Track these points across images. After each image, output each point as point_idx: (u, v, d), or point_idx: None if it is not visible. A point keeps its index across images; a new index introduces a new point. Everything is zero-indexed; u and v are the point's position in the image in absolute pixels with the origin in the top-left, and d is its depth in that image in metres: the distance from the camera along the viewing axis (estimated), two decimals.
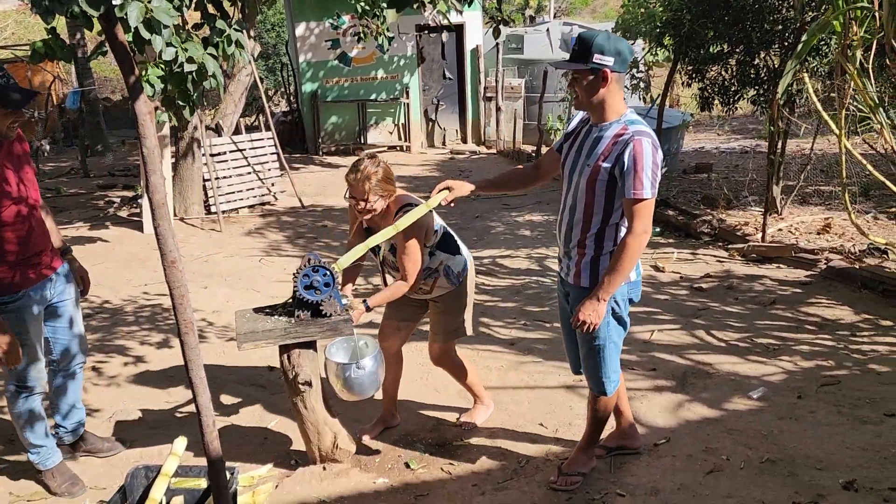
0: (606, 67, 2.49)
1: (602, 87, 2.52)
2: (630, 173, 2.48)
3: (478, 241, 6.98)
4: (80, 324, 3.24)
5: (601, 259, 2.68)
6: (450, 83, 12.97)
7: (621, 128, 2.55)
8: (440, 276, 3.19)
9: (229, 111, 8.57)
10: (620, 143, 2.51)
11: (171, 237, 1.88)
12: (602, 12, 25.35)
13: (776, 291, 5.15)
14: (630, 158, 2.47)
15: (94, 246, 7.15)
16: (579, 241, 2.69)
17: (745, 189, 7.87)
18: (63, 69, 14.61)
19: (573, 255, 2.73)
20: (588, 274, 2.70)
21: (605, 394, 2.84)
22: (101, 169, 11.63)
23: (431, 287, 3.21)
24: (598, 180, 2.57)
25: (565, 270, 2.80)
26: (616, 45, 2.49)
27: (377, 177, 2.99)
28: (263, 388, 4.09)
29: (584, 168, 2.60)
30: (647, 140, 2.50)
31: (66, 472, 3.11)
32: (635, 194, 2.48)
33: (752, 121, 13.39)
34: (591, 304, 2.61)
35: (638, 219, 2.51)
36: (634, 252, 2.53)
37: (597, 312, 2.61)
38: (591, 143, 2.62)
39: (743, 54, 6.83)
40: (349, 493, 3.02)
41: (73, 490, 3.04)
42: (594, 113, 2.62)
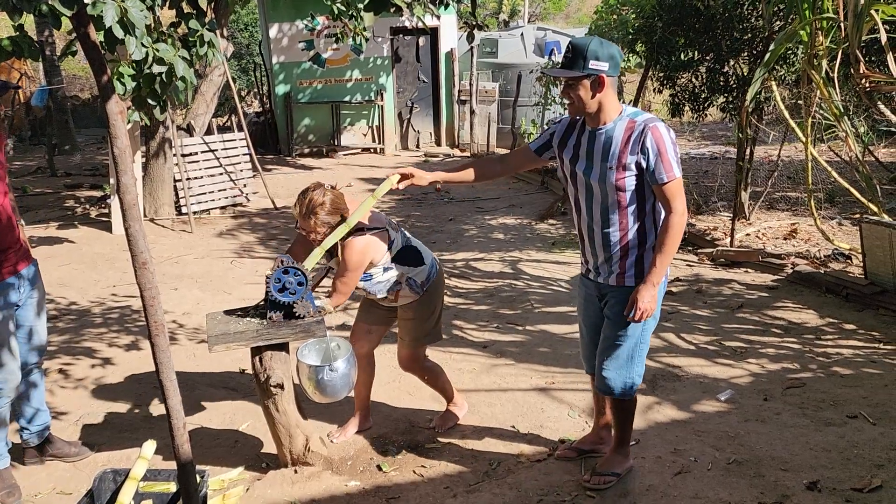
0: (602, 73, 2.53)
1: (599, 93, 2.56)
2: (658, 160, 2.53)
3: (451, 244, 7.00)
4: (43, 331, 3.19)
5: (645, 256, 2.70)
6: (424, 86, 12.99)
7: (628, 122, 2.59)
8: (403, 286, 3.17)
9: (201, 111, 8.49)
10: (636, 135, 2.55)
11: (143, 238, 1.87)
12: (576, 17, 25.58)
13: (744, 295, 5.24)
14: (653, 145, 2.53)
15: (61, 246, 7.03)
16: (622, 242, 2.69)
17: (714, 194, 8.00)
18: (30, 66, 14.34)
19: (614, 258, 2.72)
20: (633, 273, 2.72)
21: (630, 396, 2.86)
22: (68, 168, 11.43)
23: (395, 296, 3.20)
24: (626, 177, 2.59)
25: (603, 274, 2.78)
26: (609, 50, 2.54)
27: (324, 210, 2.92)
28: (235, 390, 4.06)
29: (607, 172, 2.61)
30: (660, 124, 2.57)
31: (9, 480, 3.03)
32: (668, 177, 2.54)
33: (721, 127, 13.59)
34: (647, 291, 2.63)
35: (676, 198, 2.57)
36: (680, 229, 2.58)
37: (653, 299, 2.65)
38: (601, 146, 2.63)
39: (713, 62, 6.94)
40: (321, 496, 3.01)
41: (9, 500, 2.96)
42: (592, 117, 2.64)
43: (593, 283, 2.86)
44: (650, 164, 2.55)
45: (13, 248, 2.96)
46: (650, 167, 2.56)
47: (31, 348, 3.13)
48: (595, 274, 2.82)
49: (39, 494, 3.09)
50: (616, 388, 2.84)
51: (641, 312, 2.65)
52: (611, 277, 2.77)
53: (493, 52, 12.74)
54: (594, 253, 2.79)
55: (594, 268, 2.82)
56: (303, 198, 2.96)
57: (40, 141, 13.20)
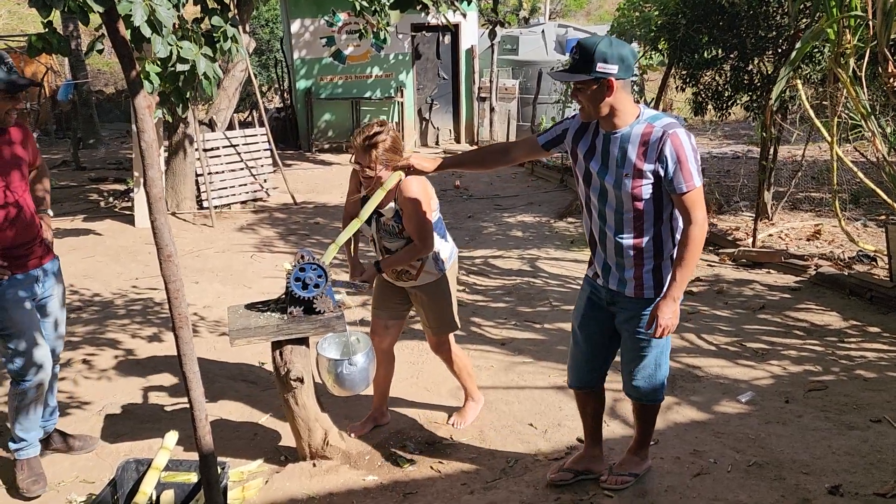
0: (611, 76, 2.39)
1: (608, 97, 2.42)
2: (677, 168, 2.41)
3: (470, 241, 7.00)
4: (63, 325, 3.24)
5: (663, 266, 2.59)
6: (444, 83, 12.99)
7: (646, 126, 2.46)
8: (428, 258, 3.17)
9: (223, 106, 8.56)
10: (653, 141, 2.42)
11: (168, 231, 1.89)
12: (597, 14, 25.43)
13: (765, 296, 5.19)
14: (672, 153, 2.40)
15: (85, 239, 7.12)
16: (636, 251, 2.57)
17: (736, 194, 7.92)
18: (56, 61, 14.53)
19: (628, 267, 2.60)
20: (653, 283, 2.60)
21: (660, 400, 2.82)
22: (93, 162, 11.57)
23: (418, 272, 3.19)
24: (643, 185, 2.47)
25: (615, 282, 2.66)
26: (619, 52, 2.39)
27: (384, 145, 2.97)
28: (254, 383, 4.09)
29: (623, 179, 2.48)
30: (680, 130, 2.44)
31: (36, 468, 3.07)
32: (688, 186, 2.42)
33: (744, 126, 13.46)
34: (668, 307, 2.52)
35: (696, 209, 2.45)
36: (700, 241, 2.46)
37: (675, 314, 2.53)
38: (617, 151, 2.50)
39: (737, 60, 6.87)
40: (339, 490, 3.03)
41: (33, 488, 3.00)
42: (605, 121, 2.52)
43: (603, 289, 2.73)
44: (669, 172, 2.42)
45: (36, 242, 3.01)
46: (669, 176, 2.43)
47: (56, 337, 3.18)
48: (605, 280, 2.70)
49: (63, 482, 3.13)
50: (646, 396, 2.81)
51: (663, 329, 2.54)
52: (626, 287, 2.64)
53: (513, 49, 12.71)
54: (605, 259, 2.67)
55: (604, 273, 2.70)
56: (366, 131, 3.00)
57: (65, 135, 13.38)
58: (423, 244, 3.08)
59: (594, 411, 2.99)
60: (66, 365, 4.29)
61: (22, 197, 2.93)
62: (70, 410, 3.77)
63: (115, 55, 8.47)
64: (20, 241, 2.92)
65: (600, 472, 3.00)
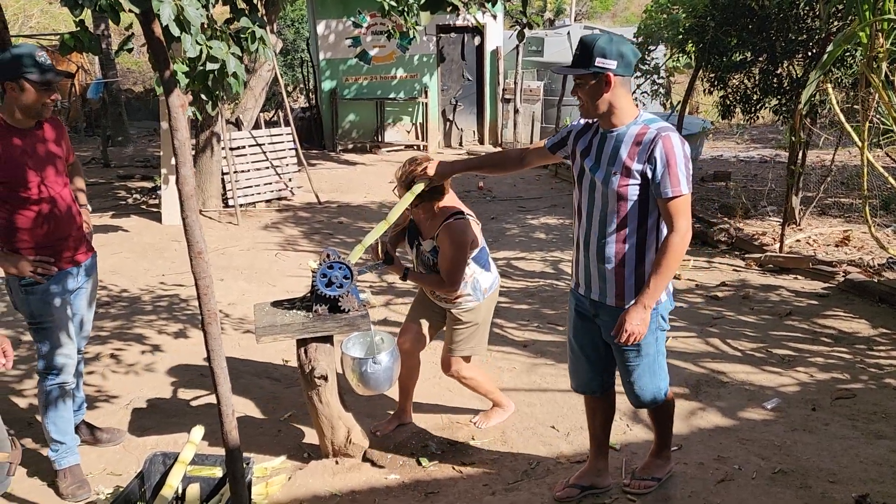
0: (609, 71, 2.38)
1: (605, 92, 2.41)
2: (665, 172, 2.37)
3: (493, 243, 6.99)
4: (89, 323, 3.29)
5: (646, 276, 2.52)
6: (469, 84, 13.00)
7: (641, 127, 2.44)
8: (467, 286, 3.18)
9: (249, 106, 8.64)
10: (646, 142, 2.40)
11: (199, 228, 1.91)
12: (623, 16, 25.29)
13: (792, 302, 5.13)
14: (662, 156, 2.37)
15: (113, 235, 7.23)
16: (616, 255, 2.53)
17: (763, 199, 7.84)
18: (87, 59, 14.77)
19: (609, 273, 2.56)
20: (634, 293, 2.54)
21: (660, 402, 2.78)
22: (121, 159, 11.74)
23: (458, 297, 3.21)
24: (629, 185, 2.44)
25: (597, 292, 2.62)
26: (618, 48, 2.38)
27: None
28: (278, 381, 4.13)
29: (611, 177, 2.46)
30: (674, 135, 2.40)
31: (79, 475, 3.10)
32: (674, 192, 2.37)
33: (772, 130, 13.31)
34: (636, 313, 2.46)
35: (679, 216, 2.40)
36: (680, 252, 2.41)
37: (643, 322, 2.47)
38: (610, 149, 2.49)
39: (766, 63, 6.80)
40: (361, 488, 3.05)
41: (78, 493, 3.04)
42: (603, 119, 2.50)
43: (586, 300, 2.69)
44: (657, 174, 2.38)
45: (74, 237, 3.06)
46: (656, 178, 2.38)
47: (80, 336, 3.23)
48: (586, 289, 2.66)
49: (91, 474, 3.18)
50: (647, 402, 2.78)
51: (628, 335, 2.48)
52: (607, 297, 2.59)
53: (538, 50, 12.69)
54: (588, 265, 2.63)
55: (585, 283, 2.66)
56: (408, 165, 3.05)
57: (94, 132, 13.59)
58: (449, 283, 3.10)
59: (603, 419, 2.95)
60: (95, 359, 4.36)
61: (58, 193, 2.97)
62: (98, 404, 3.84)
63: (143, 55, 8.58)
64: (56, 237, 2.97)
65: (606, 487, 2.96)
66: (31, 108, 2.82)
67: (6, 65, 2.76)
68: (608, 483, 2.98)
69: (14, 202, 2.85)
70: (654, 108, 10.74)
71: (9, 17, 9.10)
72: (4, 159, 2.78)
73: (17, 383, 4.06)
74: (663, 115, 8.97)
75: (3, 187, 2.81)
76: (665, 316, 2.66)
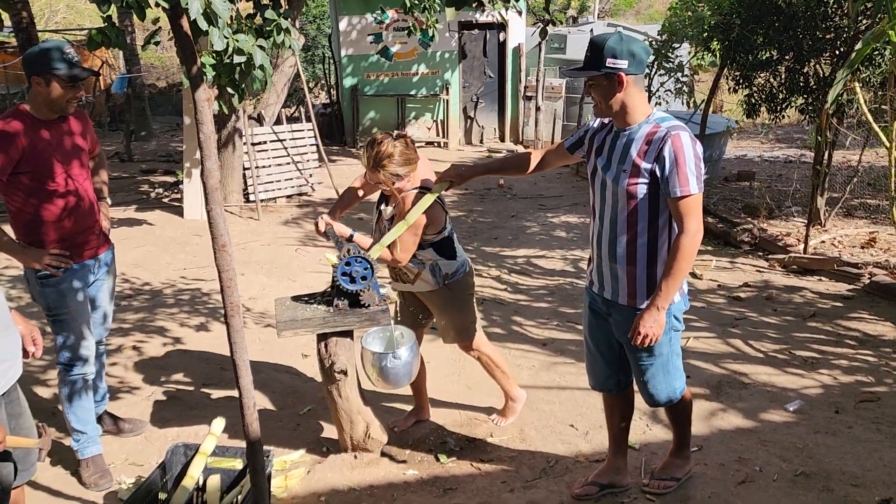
0: (621, 71, 2.37)
1: (618, 92, 2.41)
2: (673, 170, 2.35)
3: (512, 241, 6.98)
4: (110, 317, 3.32)
5: (658, 275, 2.51)
6: (490, 81, 12.96)
7: (652, 126, 2.43)
8: (425, 269, 3.15)
9: (271, 101, 8.68)
10: (656, 140, 2.39)
11: (223, 221, 1.92)
12: (647, 14, 25.09)
13: (816, 304, 5.06)
14: (671, 154, 2.35)
15: (137, 228, 7.31)
16: (628, 254, 2.53)
17: (788, 199, 7.74)
18: (111, 55, 14.94)
19: (620, 272, 2.56)
20: (646, 293, 2.54)
21: (676, 402, 2.76)
22: (144, 154, 11.86)
23: (415, 278, 3.18)
24: (638, 183, 2.43)
25: (609, 290, 2.62)
26: (629, 47, 2.37)
27: (393, 162, 2.92)
28: (297, 375, 4.15)
29: (621, 174, 2.46)
30: (684, 133, 2.38)
31: (101, 465, 3.14)
32: (682, 191, 2.36)
33: (797, 130, 13.14)
34: (651, 315, 2.46)
35: (689, 216, 2.38)
36: (690, 253, 2.39)
37: (658, 323, 2.46)
38: (621, 147, 2.49)
39: (793, 62, 6.71)
40: (379, 483, 3.06)
41: (101, 483, 3.08)
42: (616, 118, 2.50)
43: (599, 298, 2.69)
44: (665, 173, 2.37)
45: (93, 231, 3.09)
46: (664, 177, 2.38)
47: (101, 330, 3.27)
48: (600, 288, 2.67)
49: (112, 464, 3.22)
50: (661, 402, 2.76)
51: (643, 338, 2.48)
52: (619, 296, 2.60)
53: (561, 48, 12.62)
54: (601, 264, 2.63)
55: (599, 281, 2.67)
56: (370, 149, 2.95)
57: (118, 127, 13.74)
58: (396, 253, 3.03)
59: (621, 418, 2.93)
60: (117, 351, 4.41)
61: (82, 185, 3.00)
62: (120, 394, 3.88)
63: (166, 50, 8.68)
64: (79, 230, 3.00)
65: (625, 486, 2.95)
66: (57, 103, 2.85)
67: (34, 59, 2.80)
68: (627, 482, 2.96)
69: (41, 195, 2.88)
70: (678, 106, 10.64)
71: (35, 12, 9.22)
72: (33, 151, 2.81)
73: (42, 373, 4.12)
74: (687, 114, 8.90)
75: (30, 179, 2.84)
76: (679, 316, 2.64)
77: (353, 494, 2.98)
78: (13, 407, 2.22)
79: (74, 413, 3.09)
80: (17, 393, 2.25)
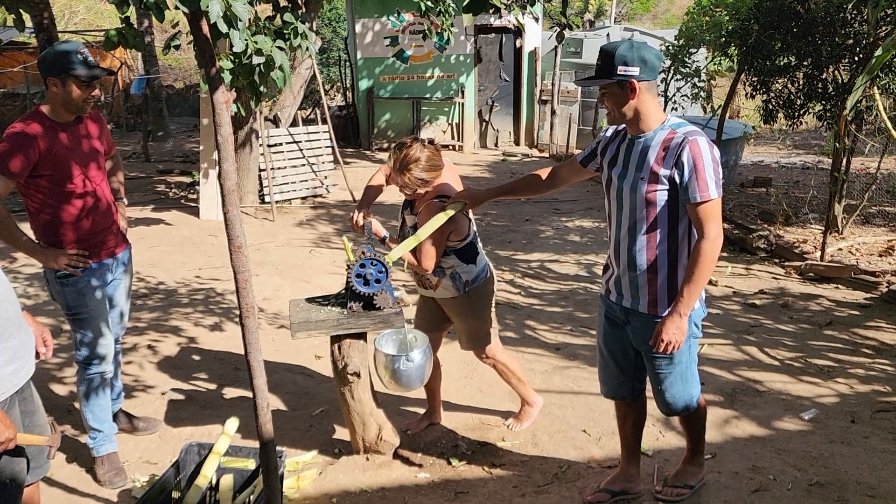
0: (632, 78, 2.37)
1: (631, 99, 2.41)
2: (692, 176, 2.35)
3: (526, 245, 6.97)
4: (126, 315, 3.35)
5: (679, 282, 2.50)
6: (505, 84, 12.96)
7: (668, 133, 2.42)
8: (446, 277, 3.16)
9: (288, 103, 8.73)
10: (673, 146, 2.38)
11: (239, 223, 1.94)
12: (664, 18, 24.99)
13: (833, 312, 5.01)
14: (689, 160, 2.35)
15: (153, 228, 7.37)
16: (648, 262, 2.51)
17: (805, 206, 7.68)
18: (130, 56, 15.08)
19: (641, 280, 2.54)
20: (667, 300, 2.52)
21: (692, 410, 2.74)
22: (161, 154, 11.96)
23: (437, 284, 3.18)
24: (657, 190, 2.42)
25: (629, 299, 2.61)
26: (640, 54, 2.37)
27: (419, 166, 2.96)
28: (310, 376, 4.17)
29: (639, 182, 2.45)
30: (701, 138, 2.38)
31: (116, 463, 3.17)
32: (702, 196, 2.35)
33: (814, 136, 13.04)
34: (673, 322, 2.44)
35: (709, 222, 2.37)
36: (712, 258, 2.38)
37: (680, 330, 2.45)
38: (637, 155, 2.47)
39: (811, 67, 6.66)
40: (391, 485, 3.06)
41: (115, 480, 3.11)
42: (630, 125, 2.50)
43: (617, 307, 2.67)
44: (684, 179, 2.36)
45: (111, 231, 3.12)
46: (683, 183, 2.37)
47: (118, 329, 3.30)
48: (617, 296, 2.65)
49: (127, 462, 3.25)
50: (679, 410, 2.74)
51: (666, 344, 2.47)
52: (640, 304, 2.58)
53: (577, 52, 12.60)
54: (619, 273, 2.62)
55: (616, 290, 2.65)
56: (398, 151, 2.98)
57: (136, 127, 13.87)
58: (419, 260, 3.04)
59: (634, 425, 2.91)
60: (132, 350, 4.45)
61: (99, 186, 3.04)
62: (135, 393, 3.91)
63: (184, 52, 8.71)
64: (97, 230, 3.04)
65: (638, 493, 2.93)
66: (73, 104, 2.88)
67: (51, 61, 2.83)
68: (640, 489, 2.95)
69: (59, 197, 2.91)
70: (694, 111, 10.59)
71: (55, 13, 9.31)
72: (51, 154, 2.85)
73: (58, 371, 4.16)
74: (703, 119, 8.85)
75: (48, 181, 2.88)
76: (698, 323, 2.63)
77: (365, 496, 2.99)
78: (27, 404, 2.24)
79: (91, 411, 3.12)
80: (31, 390, 2.27)
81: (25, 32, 9.36)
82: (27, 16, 6.96)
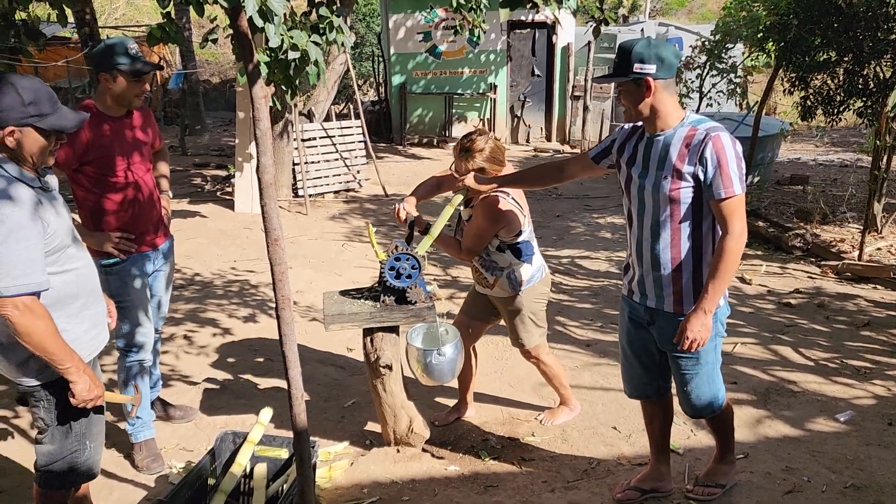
0: (648, 76, 2.36)
1: (647, 97, 2.40)
2: (716, 172, 2.32)
3: (557, 241, 6.95)
4: (166, 305, 3.42)
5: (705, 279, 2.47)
6: (538, 80, 12.91)
7: (689, 129, 2.40)
8: (503, 276, 3.19)
9: (321, 98, 8.81)
10: (695, 143, 2.36)
11: (276, 216, 1.97)
12: (699, 13, 24.61)
13: (870, 313, 4.92)
14: (713, 156, 2.32)
15: (189, 220, 7.50)
16: (673, 262, 2.49)
17: (843, 204, 7.53)
18: (168, 51, 15.32)
19: (665, 280, 2.52)
20: (692, 299, 2.50)
21: (717, 410, 2.72)
22: (197, 148, 12.14)
23: (493, 284, 3.23)
24: (681, 188, 2.39)
25: (653, 299, 2.58)
26: (657, 52, 2.36)
27: (482, 156, 3.05)
28: (342, 368, 4.22)
29: (661, 181, 2.42)
30: (724, 134, 2.36)
31: (153, 449, 3.25)
32: (726, 192, 2.33)
33: (853, 133, 12.77)
34: (698, 319, 2.42)
35: (734, 218, 2.35)
36: (736, 255, 2.36)
37: (705, 327, 2.43)
38: (658, 153, 2.45)
39: (852, 63, 6.52)
40: (421, 477, 3.09)
41: (153, 466, 3.19)
42: (647, 123, 2.48)
43: (641, 307, 2.64)
44: (708, 176, 2.34)
45: (153, 222, 3.19)
46: (707, 180, 2.35)
47: (158, 317, 3.38)
48: (641, 297, 2.62)
49: (164, 449, 3.33)
50: (706, 412, 2.72)
51: (691, 342, 2.44)
52: (665, 304, 2.55)
53: (610, 47, 12.48)
54: (642, 273, 2.59)
55: (640, 290, 2.62)
56: (465, 138, 3.09)
57: (174, 121, 14.10)
58: (465, 250, 3.16)
59: (661, 424, 2.90)
60: (169, 339, 4.54)
61: (142, 178, 3.11)
62: (172, 382, 4.00)
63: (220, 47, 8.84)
64: (138, 220, 3.11)
65: (668, 491, 2.92)
66: (123, 98, 2.97)
67: (100, 56, 2.91)
68: (670, 487, 2.94)
69: (103, 185, 2.99)
70: (730, 107, 10.43)
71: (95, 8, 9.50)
72: (94, 143, 2.93)
73: (98, 358, 4.26)
74: (739, 116, 8.72)
75: (93, 170, 2.96)
76: (723, 322, 2.60)
77: (396, 488, 3.02)
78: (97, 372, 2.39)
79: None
80: (95, 360, 2.44)
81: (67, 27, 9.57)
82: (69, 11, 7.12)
